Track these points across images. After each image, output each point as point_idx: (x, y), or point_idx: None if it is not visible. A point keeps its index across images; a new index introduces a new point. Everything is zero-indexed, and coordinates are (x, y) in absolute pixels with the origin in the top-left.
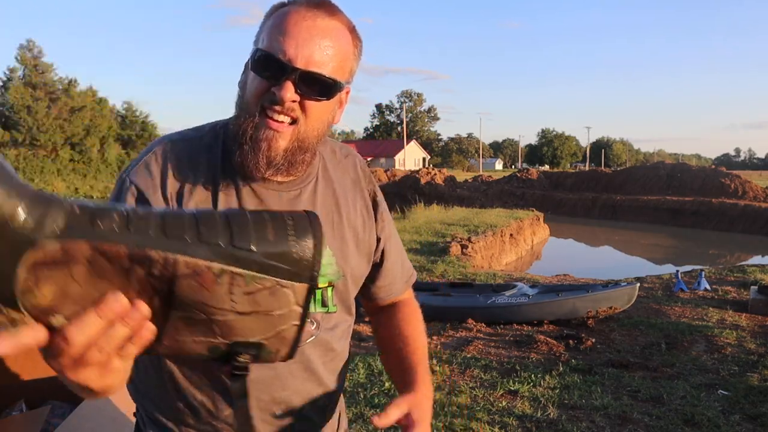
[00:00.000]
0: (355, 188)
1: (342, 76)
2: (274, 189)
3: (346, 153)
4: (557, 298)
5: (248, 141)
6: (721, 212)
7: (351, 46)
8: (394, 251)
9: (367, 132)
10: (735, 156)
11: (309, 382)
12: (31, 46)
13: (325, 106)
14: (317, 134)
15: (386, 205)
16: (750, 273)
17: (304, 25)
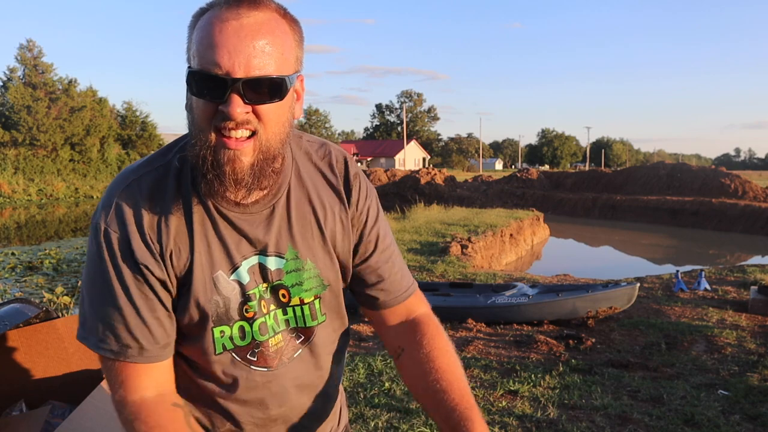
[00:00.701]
0: (331, 191)
1: (288, 69)
2: (247, 213)
3: (324, 154)
4: (557, 298)
5: (210, 168)
6: (721, 212)
7: (288, 33)
8: (372, 255)
9: (367, 132)
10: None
11: (303, 394)
12: (31, 46)
13: (281, 107)
14: (280, 138)
15: (372, 202)
16: (750, 273)
17: (230, 28)
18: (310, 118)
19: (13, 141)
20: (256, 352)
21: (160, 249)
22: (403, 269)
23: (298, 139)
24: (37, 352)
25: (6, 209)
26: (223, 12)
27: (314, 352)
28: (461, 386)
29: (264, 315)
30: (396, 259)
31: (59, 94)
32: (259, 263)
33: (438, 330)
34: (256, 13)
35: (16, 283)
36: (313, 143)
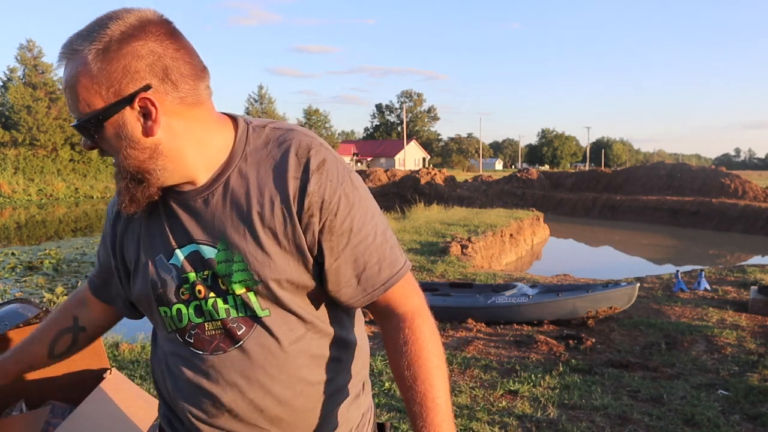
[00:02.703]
0: (280, 182)
1: (88, 108)
2: (187, 200)
3: (281, 141)
4: (557, 298)
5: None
6: (721, 212)
7: (87, 75)
8: (343, 251)
9: (367, 132)
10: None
11: (255, 391)
12: (31, 46)
13: (108, 138)
14: (131, 163)
15: (342, 192)
16: (750, 273)
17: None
18: (310, 118)
19: (13, 141)
20: (192, 335)
21: (114, 223)
22: (383, 260)
23: (260, 128)
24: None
25: (6, 209)
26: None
27: (260, 348)
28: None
29: (200, 300)
30: (372, 250)
31: (59, 94)
32: (195, 250)
33: (413, 335)
34: (69, 65)
35: (16, 283)
36: (277, 130)
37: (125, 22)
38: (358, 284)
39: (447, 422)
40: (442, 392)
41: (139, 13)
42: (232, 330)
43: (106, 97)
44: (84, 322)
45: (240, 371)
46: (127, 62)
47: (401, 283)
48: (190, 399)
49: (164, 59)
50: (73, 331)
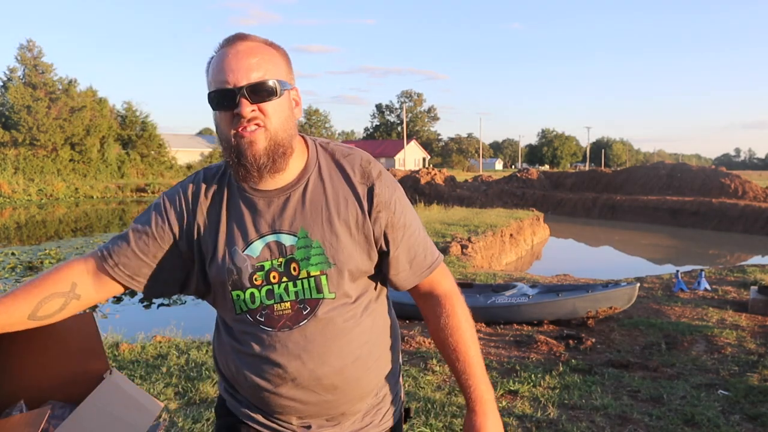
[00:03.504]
0: (349, 186)
1: (279, 76)
2: (266, 197)
3: (346, 153)
4: (557, 298)
5: (235, 158)
6: (721, 212)
7: (276, 55)
8: (401, 242)
9: (367, 132)
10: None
11: (313, 363)
12: (31, 46)
13: (280, 105)
14: (285, 130)
15: (396, 196)
16: (750, 273)
17: (230, 55)
18: (310, 118)
19: (13, 141)
20: (264, 314)
21: (186, 216)
22: (426, 249)
23: (324, 143)
24: (37, 352)
25: (6, 209)
26: (224, 48)
27: (321, 325)
28: (466, 358)
29: (272, 284)
30: (419, 241)
31: (59, 94)
32: (275, 240)
33: (453, 309)
34: (247, 42)
35: (16, 283)
36: (340, 146)
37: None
38: (410, 268)
39: (484, 374)
40: (477, 353)
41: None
42: (299, 310)
43: (289, 77)
44: (81, 290)
45: (303, 345)
46: (285, 60)
47: (439, 269)
48: (257, 371)
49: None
50: (66, 297)
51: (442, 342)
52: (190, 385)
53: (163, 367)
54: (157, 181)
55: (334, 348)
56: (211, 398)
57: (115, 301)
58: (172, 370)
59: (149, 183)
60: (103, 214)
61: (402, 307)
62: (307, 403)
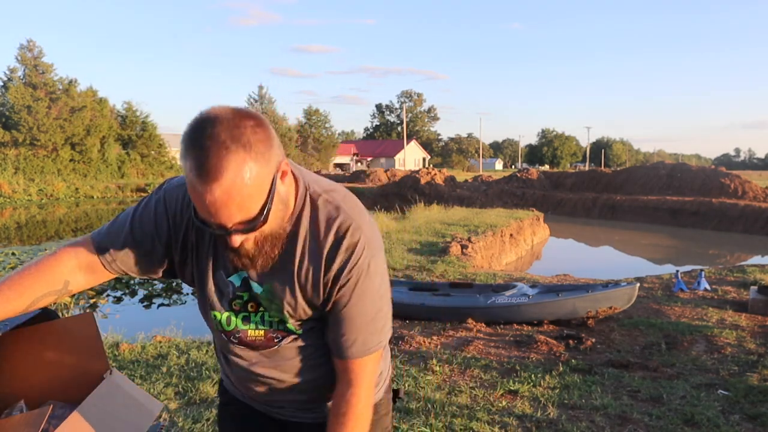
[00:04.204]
0: (319, 251)
1: (262, 199)
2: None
3: (328, 217)
4: (557, 298)
5: (228, 252)
6: (721, 212)
7: (251, 172)
8: (335, 314)
9: (367, 132)
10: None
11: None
12: (31, 46)
13: (270, 221)
14: (277, 226)
15: (359, 275)
16: (750, 273)
17: (208, 204)
18: (310, 118)
19: (14, 141)
20: (237, 336)
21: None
22: (357, 339)
23: (316, 195)
24: (37, 352)
25: (6, 209)
26: (196, 183)
27: (290, 350)
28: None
29: (249, 312)
30: (355, 325)
31: (59, 94)
32: (247, 281)
33: (348, 411)
34: (220, 182)
35: None
36: (328, 204)
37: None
38: (332, 342)
39: None
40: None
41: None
42: (271, 338)
43: (271, 167)
44: (73, 286)
45: (275, 364)
46: (268, 141)
47: (361, 362)
48: (240, 379)
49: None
50: (59, 294)
51: (329, 426)
52: (190, 385)
53: (163, 367)
54: (157, 181)
55: (304, 365)
56: (211, 398)
57: (115, 301)
58: (172, 370)
59: (149, 183)
60: (103, 214)
61: (402, 307)
62: (281, 399)
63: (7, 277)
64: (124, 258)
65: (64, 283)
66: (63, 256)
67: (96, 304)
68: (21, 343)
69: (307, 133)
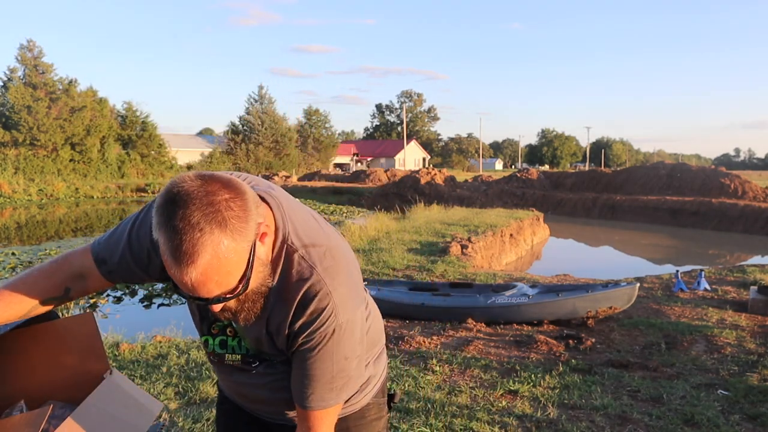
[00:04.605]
0: (286, 310)
1: (241, 272)
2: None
3: (300, 278)
4: (557, 298)
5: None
6: (721, 212)
7: (228, 250)
8: (297, 370)
9: (367, 132)
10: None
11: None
12: (32, 46)
13: (250, 289)
14: (258, 285)
15: (323, 338)
16: (750, 273)
17: (184, 281)
18: (310, 118)
19: (14, 141)
20: (215, 360)
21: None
22: (315, 393)
23: (292, 250)
24: (37, 352)
25: (6, 209)
26: (171, 264)
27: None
28: None
29: (227, 336)
30: (313, 381)
31: (59, 94)
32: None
33: None
34: (195, 265)
35: None
36: (303, 263)
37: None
38: (293, 387)
39: None
40: None
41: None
42: (248, 363)
43: (248, 243)
44: (74, 293)
45: (255, 383)
46: (246, 213)
47: (319, 413)
48: (228, 388)
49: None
50: (60, 300)
51: None
52: (190, 385)
53: (163, 367)
54: (157, 181)
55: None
56: (211, 398)
57: (115, 301)
58: (172, 370)
59: (149, 183)
60: (103, 214)
61: (402, 307)
62: (265, 410)
63: (9, 282)
64: (122, 270)
65: (64, 290)
66: (64, 263)
67: (96, 304)
68: (21, 343)
69: (307, 133)
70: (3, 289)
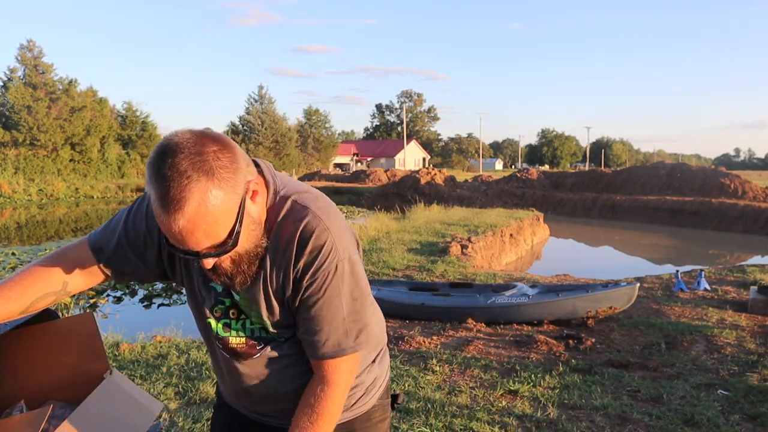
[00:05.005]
0: (287, 254)
1: (230, 223)
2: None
3: (295, 219)
4: (557, 298)
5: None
6: (721, 212)
7: (216, 199)
8: (305, 314)
9: (367, 132)
10: (735, 156)
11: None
12: (32, 46)
13: (240, 243)
14: (251, 244)
15: (327, 274)
16: (750, 273)
17: (174, 233)
18: (310, 118)
19: (14, 141)
20: (220, 343)
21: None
22: (330, 337)
23: (285, 198)
24: (37, 352)
25: (6, 209)
26: (160, 213)
27: (271, 359)
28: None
29: (231, 319)
30: (325, 326)
31: (59, 94)
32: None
33: (322, 398)
34: (183, 212)
35: None
36: (296, 206)
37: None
38: (305, 342)
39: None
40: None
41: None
42: (253, 345)
43: (238, 189)
44: (72, 287)
45: (258, 374)
46: (234, 166)
47: (336, 361)
48: (229, 387)
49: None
50: (58, 295)
51: (297, 412)
52: (190, 385)
53: (163, 367)
54: None
55: (282, 374)
56: (211, 398)
57: (115, 301)
58: (172, 370)
59: None
60: (103, 214)
61: (402, 307)
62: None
63: (7, 278)
64: (118, 258)
65: (62, 284)
66: (61, 257)
67: (96, 304)
68: (21, 343)
69: (307, 133)
70: (1, 285)
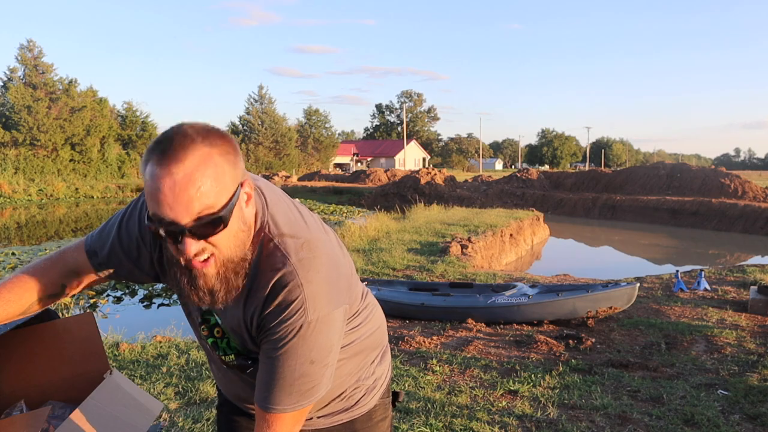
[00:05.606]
0: (258, 300)
1: (226, 195)
2: None
3: (273, 267)
4: (557, 298)
5: (185, 280)
6: (721, 212)
7: (218, 163)
8: (261, 366)
9: (367, 132)
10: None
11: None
12: (32, 46)
13: (229, 230)
14: (239, 249)
15: (286, 333)
16: (750, 273)
17: (166, 187)
18: (310, 118)
19: (14, 141)
20: (213, 359)
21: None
22: (273, 392)
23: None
24: (37, 352)
25: (6, 209)
26: (157, 170)
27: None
28: None
29: (216, 338)
30: (272, 379)
31: (59, 94)
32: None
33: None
34: (183, 164)
35: None
36: (276, 251)
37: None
38: (256, 386)
39: None
40: None
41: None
42: (243, 362)
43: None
44: (69, 289)
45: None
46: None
47: (274, 417)
48: (224, 388)
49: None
50: (56, 297)
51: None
52: (190, 385)
53: (163, 367)
54: None
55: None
56: (211, 398)
57: (115, 301)
58: (172, 370)
59: None
60: (103, 214)
61: (402, 307)
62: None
63: (6, 280)
64: (112, 262)
65: (60, 286)
66: (59, 259)
67: (96, 304)
68: (21, 343)
69: (307, 133)
70: (0, 287)
